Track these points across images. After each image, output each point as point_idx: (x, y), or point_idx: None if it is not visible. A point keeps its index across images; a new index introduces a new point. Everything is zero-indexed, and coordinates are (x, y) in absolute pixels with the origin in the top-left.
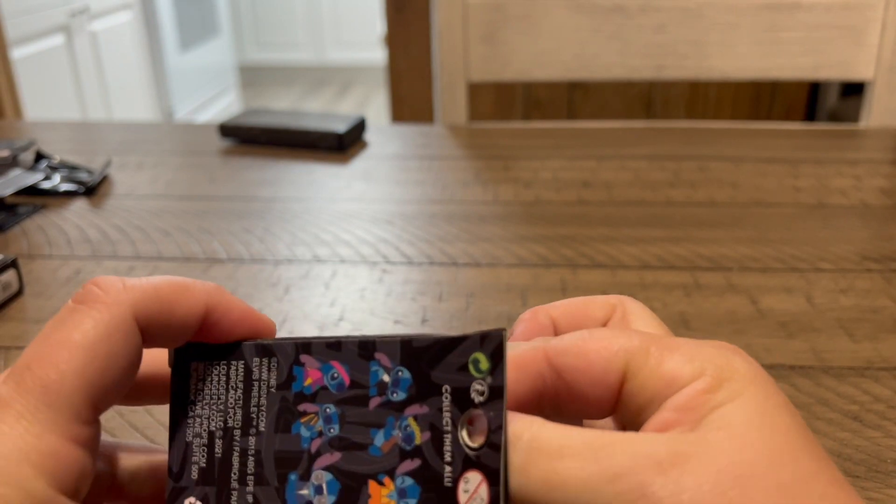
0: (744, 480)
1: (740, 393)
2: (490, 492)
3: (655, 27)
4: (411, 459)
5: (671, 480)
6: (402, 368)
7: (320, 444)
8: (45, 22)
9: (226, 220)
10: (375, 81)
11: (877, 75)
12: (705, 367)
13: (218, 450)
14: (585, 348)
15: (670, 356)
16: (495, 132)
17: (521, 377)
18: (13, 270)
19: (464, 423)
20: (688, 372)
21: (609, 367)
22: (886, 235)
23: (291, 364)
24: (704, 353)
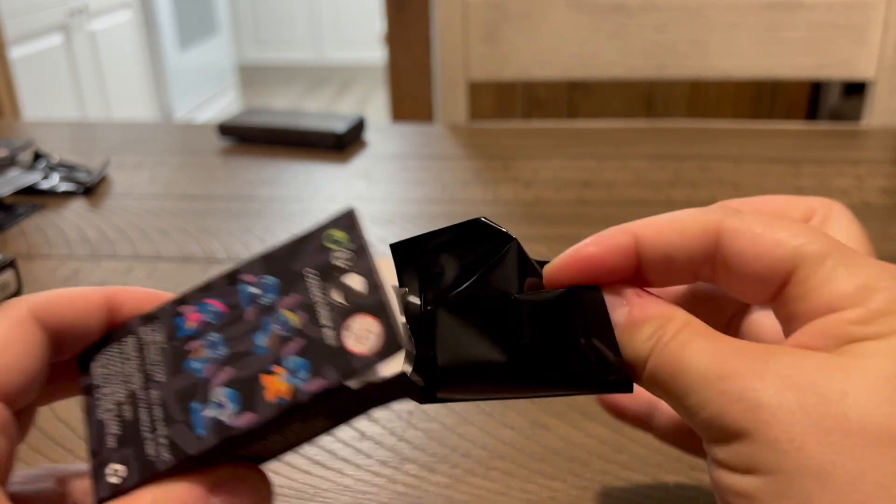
0: (844, 411)
1: (893, 331)
2: (381, 324)
3: (656, 26)
4: (293, 341)
5: (772, 391)
6: (265, 276)
7: (212, 368)
8: (43, 21)
9: (225, 219)
10: (375, 81)
11: (878, 75)
12: (873, 295)
13: (128, 414)
14: (761, 237)
15: (843, 273)
16: (495, 132)
17: (682, 243)
18: (11, 270)
19: (337, 287)
20: (852, 297)
21: (777, 264)
22: (888, 235)
23: (172, 317)
24: (881, 280)
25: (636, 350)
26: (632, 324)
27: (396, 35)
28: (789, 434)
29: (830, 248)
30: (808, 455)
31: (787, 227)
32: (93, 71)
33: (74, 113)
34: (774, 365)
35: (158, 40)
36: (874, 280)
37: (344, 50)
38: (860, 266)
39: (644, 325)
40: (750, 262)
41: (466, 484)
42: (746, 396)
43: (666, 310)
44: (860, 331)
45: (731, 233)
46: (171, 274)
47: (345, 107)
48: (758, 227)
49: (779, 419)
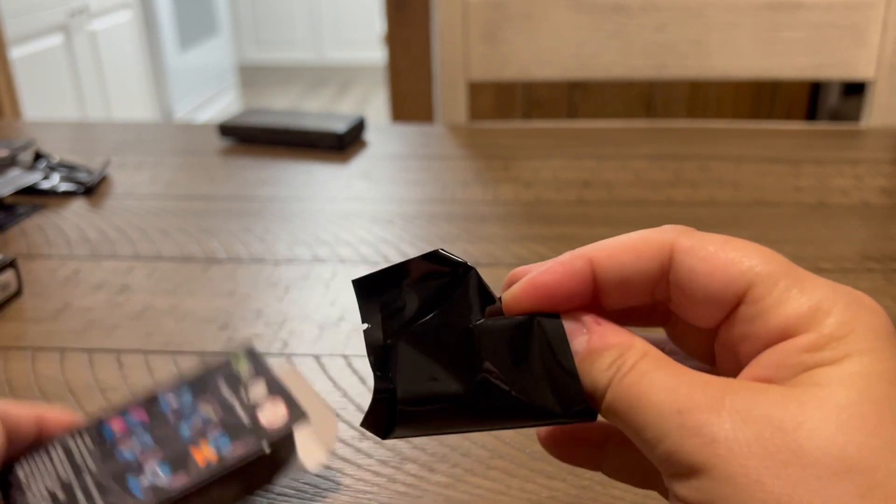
0: (801, 443)
1: (847, 355)
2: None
3: (656, 26)
4: (215, 426)
5: (729, 425)
6: (182, 388)
7: (144, 453)
8: (44, 21)
9: (225, 219)
10: (375, 81)
11: (878, 75)
12: (824, 319)
13: (62, 497)
14: (714, 256)
15: (796, 295)
16: (495, 132)
17: (637, 263)
18: (12, 271)
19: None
20: (805, 319)
21: (731, 283)
22: (887, 235)
23: (97, 426)
24: (832, 302)
25: (595, 380)
26: (591, 352)
27: (396, 35)
28: (746, 468)
29: (783, 269)
30: (766, 489)
31: (740, 247)
32: (93, 71)
33: (75, 113)
34: (731, 399)
35: (158, 40)
36: (826, 303)
37: (344, 50)
38: (812, 288)
39: (603, 354)
40: (703, 281)
41: (466, 483)
42: (704, 431)
43: (625, 338)
44: (813, 358)
45: (685, 251)
46: (171, 274)
47: (345, 107)
48: (711, 247)
49: (735, 454)
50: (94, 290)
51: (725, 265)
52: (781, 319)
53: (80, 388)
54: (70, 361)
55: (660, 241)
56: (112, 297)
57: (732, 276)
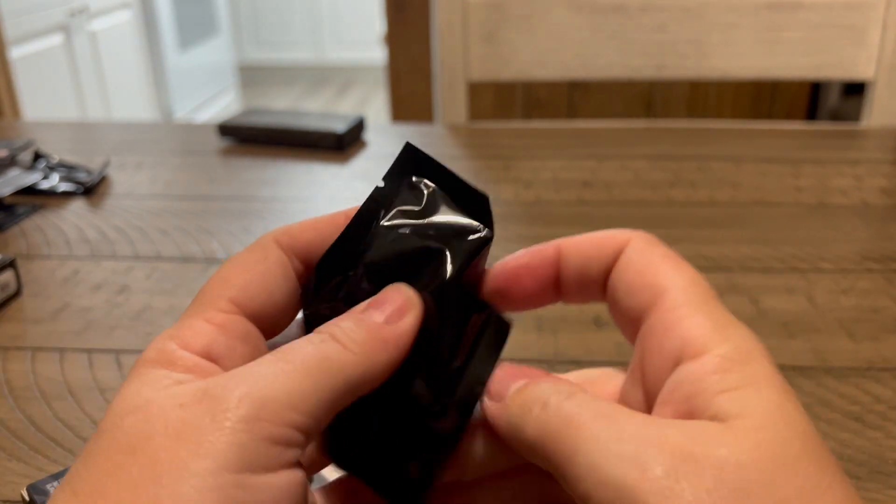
0: (744, 491)
1: (753, 380)
2: None
3: (656, 27)
4: None
5: (667, 461)
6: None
7: None
8: (43, 21)
9: (225, 219)
10: (375, 81)
11: (878, 75)
12: (722, 342)
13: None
14: (650, 259)
15: (699, 315)
16: (495, 132)
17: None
18: (11, 271)
19: None
20: (702, 340)
21: (649, 287)
22: (887, 235)
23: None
24: (731, 330)
25: (528, 405)
26: (529, 384)
27: (396, 35)
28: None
29: (700, 295)
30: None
31: (677, 266)
32: (93, 71)
33: (74, 113)
34: (669, 434)
35: (158, 40)
36: (728, 329)
37: (344, 50)
38: (716, 314)
39: (541, 383)
40: (630, 277)
41: None
42: (643, 463)
43: (558, 378)
44: (720, 382)
45: (632, 248)
46: (171, 274)
47: (345, 107)
48: (655, 253)
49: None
50: (93, 291)
51: (655, 269)
52: (683, 334)
53: (79, 388)
54: (69, 361)
55: (619, 237)
56: (111, 297)
57: (654, 281)
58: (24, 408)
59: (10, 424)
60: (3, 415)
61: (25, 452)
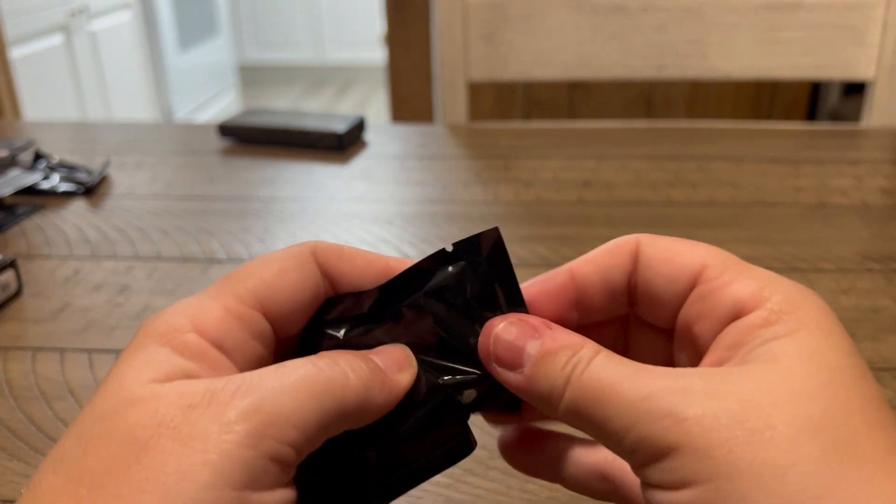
0: (767, 410)
1: (797, 328)
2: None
3: (656, 27)
4: None
5: (696, 403)
6: None
7: None
8: (44, 21)
9: (225, 219)
10: (375, 81)
11: (878, 75)
12: (771, 296)
13: None
14: (673, 246)
15: (744, 277)
16: (495, 132)
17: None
18: (12, 271)
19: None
20: (753, 297)
21: (686, 267)
22: (887, 235)
23: None
24: (777, 283)
25: (552, 380)
26: (546, 354)
27: (396, 35)
28: (719, 440)
29: (731, 258)
30: (739, 457)
31: (691, 242)
32: (93, 71)
33: (75, 113)
34: (694, 381)
35: (159, 41)
36: (772, 283)
37: (344, 50)
38: (759, 273)
39: (558, 354)
40: (662, 267)
41: (466, 484)
42: (673, 411)
43: (577, 339)
44: (767, 332)
45: (648, 244)
46: (171, 274)
47: (345, 107)
48: (668, 241)
49: (706, 428)
50: (93, 291)
51: (681, 252)
52: (733, 295)
53: (80, 388)
54: (70, 361)
55: (627, 240)
56: (112, 297)
57: (687, 261)
58: (24, 408)
59: (11, 424)
60: (4, 415)
61: (26, 452)
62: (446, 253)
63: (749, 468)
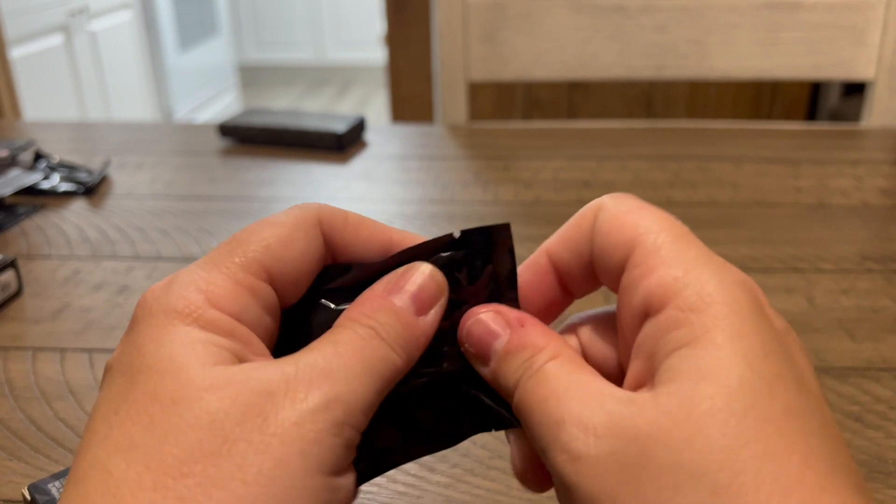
0: (645, 469)
1: (705, 331)
2: None
3: (656, 27)
4: None
5: (593, 443)
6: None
7: None
8: (44, 21)
9: (225, 220)
10: (375, 81)
11: (878, 75)
12: (683, 290)
13: None
14: (617, 217)
15: (666, 263)
16: (495, 132)
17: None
18: (12, 271)
19: None
20: (665, 292)
21: (619, 246)
22: (887, 235)
23: None
24: (698, 272)
25: (507, 380)
26: (506, 353)
27: (396, 35)
28: (603, 486)
29: (668, 239)
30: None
31: (642, 214)
32: (93, 71)
33: (75, 113)
34: (600, 412)
35: (159, 41)
36: (691, 273)
37: (344, 50)
38: (684, 259)
39: (516, 355)
40: (602, 240)
41: (466, 484)
42: (570, 447)
43: (541, 340)
44: (673, 339)
45: (602, 210)
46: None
47: (345, 107)
48: (622, 208)
49: (595, 471)
50: (93, 291)
51: (622, 226)
52: (646, 290)
53: (80, 388)
54: (70, 361)
55: (591, 208)
56: (112, 297)
57: (623, 239)
58: (24, 408)
59: (11, 424)
60: (4, 415)
61: (26, 452)
62: (453, 238)
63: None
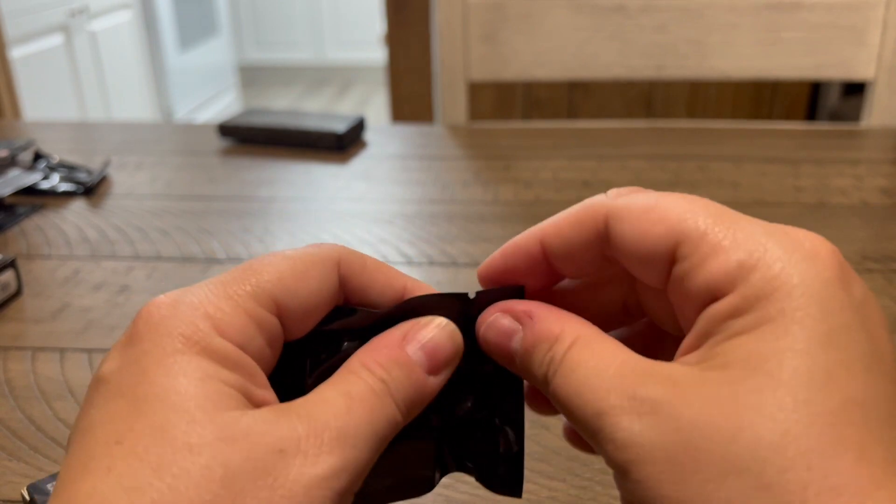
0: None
1: (770, 318)
2: None
3: (656, 27)
4: None
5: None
6: None
7: None
8: (44, 21)
9: (225, 219)
10: (375, 81)
11: (878, 75)
12: (749, 275)
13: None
14: (643, 217)
15: (723, 250)
16: (495, 132)
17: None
18: (12, 271)
19: None
20: (728, 278)
21: (659, 244)
22: (887, 235)
23: None
24: (763, 254)
25: (536, 378)
26: (525, 351)
27: (396, 35)
28: (653, 472)
29: (712, 219)
30: (666, 493)
31: (670, 203)
32: (93, 71)
33: (75, 113)
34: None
35: (159, 41)
36: (754, 255)
37: (344, 50)
38: (743, 238)
39: (535, 351)
40: (635, 245)
41: (466, 484)
42: (616, 436)
43: (555, 327)
44: (735, 325)
45: (617, 215)
46: (171, 274)
47: (345, 107)
48: (640, 207)
49: (643, 458)
50: (93, 290)
51: (652, 225)
52: (707, 279)
53: (80, 388)
54: (70, 361)
55: (595, 209)
56: (112, 297)
57: (660, 237)
58: (24, 408)
59: (11, 424)
60: (4, 415)
61: (26, 452)
62: (467, 298)
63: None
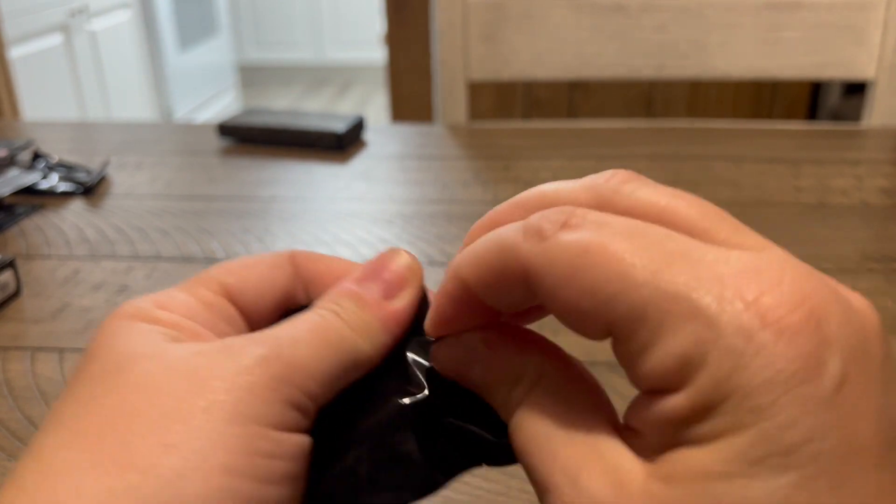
0: None
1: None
2: None
3: (656, 26)
4: None
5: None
6: None
7: None
8: (43, 21)
9: (225, 219)
10: (375, 81)
11: (878, 75)
12: (695, 375)
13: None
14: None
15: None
16: (495, 132)
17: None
18: (11, 271)
19: None
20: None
21: (588, 322)
22: (887, 235)
23: None
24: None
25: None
26: (487, 387)
27: (396, 35)
28: None
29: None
30: None
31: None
32: (93, 71)
33: (74, 113)
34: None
35: (158, 40)
36: (700, 343)
37: (344, 50)
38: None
39: (498, 389)
40: (561, 315)
41: (466, 484)
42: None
43: (516, 367)
44: (684, 433)
45: (537, 275)
46: (171, 274)
47: (345, 107)
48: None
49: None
50: (93, 290)
51: (579, 298)
52: (648, 373)
53: None
54: (69, 361)
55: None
56: (111, 297)
57: (587, 313)
58: (23, 408)
59: (10, 424)
60: (3, 415)
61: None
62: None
63: None
